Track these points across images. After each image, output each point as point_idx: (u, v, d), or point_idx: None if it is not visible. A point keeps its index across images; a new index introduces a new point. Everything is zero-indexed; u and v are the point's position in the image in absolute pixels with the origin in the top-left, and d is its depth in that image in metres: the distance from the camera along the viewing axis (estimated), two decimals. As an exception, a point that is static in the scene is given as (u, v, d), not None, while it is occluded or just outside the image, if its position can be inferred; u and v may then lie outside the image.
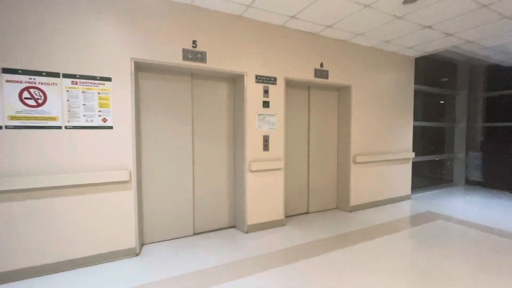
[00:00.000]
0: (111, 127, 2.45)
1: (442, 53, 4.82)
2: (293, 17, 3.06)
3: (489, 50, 4.37)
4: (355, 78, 3.98)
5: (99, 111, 2.41)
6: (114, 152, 2.47)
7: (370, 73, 4.14)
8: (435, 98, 5.81)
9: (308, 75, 3.55)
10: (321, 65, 3.65)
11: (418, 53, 4.46)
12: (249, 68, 3.12)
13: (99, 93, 2.40)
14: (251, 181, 3.18)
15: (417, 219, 3.68)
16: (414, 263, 2.45)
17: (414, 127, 4.93)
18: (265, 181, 3.29)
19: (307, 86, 3.92)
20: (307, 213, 4.00)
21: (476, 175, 5.80)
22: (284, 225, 3.46)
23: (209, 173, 3.25)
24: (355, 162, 4.02)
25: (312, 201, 4.02)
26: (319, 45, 3.63)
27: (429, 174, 5.83)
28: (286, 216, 3.80)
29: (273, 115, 3.31)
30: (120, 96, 2.49)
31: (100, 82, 2.40)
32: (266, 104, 3.25)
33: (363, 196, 4.19)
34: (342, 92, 4.10)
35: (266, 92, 3.24)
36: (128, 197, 2.55)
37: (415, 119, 4.99)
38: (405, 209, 4.19)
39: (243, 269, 2.35)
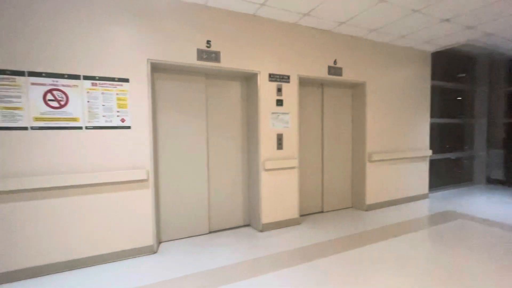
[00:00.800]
0: (129, 127, 2.51)
1: (460, 47, 4.66)
2: (306, 14, 3.03)
3: (509, 44, 4.18)
4: (369, 75, 3.91)
5: (118, 111, 2.47)
6: (132, 151, 2.52)
7: (385, 70, 4.05)
8: (453, 94, 5.62)
9: (321, 73, 3.51)
10: (335, 62, 3.60)
11: (435, 48, 4.32)
12: (263, 67, 3.12)
13: (117, 94, 2.46)
14: (265, 179, 3.18)
15: (436, 218, 3.57)
16: (435, 263, 2.37)
17: (432, 124, 4.79)
18: (279, 179, 3.28)
19: (321, 84, 3.88)
20: (322, 212, 3.95)
21: (498, 174, 5.57)
22: (299, 224, 3.44)
23: (224, 172, 3.27)
24: (370, 160, 3.94)
25: (326, 200, 3.97)
26: (333, 42, 3.58)
27: (447, 173, 5.65)
28: (301, 215, 3.77)
29: (287, 113, 3.29)
30: (137, 96, 2.54)
31: (118, 83, 2.46)
32: (279, 103, 3.23)
33: (379, 195, 4.10)
34: (357, 89, 4.03)
35: (279, 90, 3.23)
36: (146, 195, 2.60)
37: (432, 115, 4.84)
38: (423, 208, 4.07)
39: (259, 267, 2.35)
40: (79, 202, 2.34)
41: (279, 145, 3.25)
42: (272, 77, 3.18)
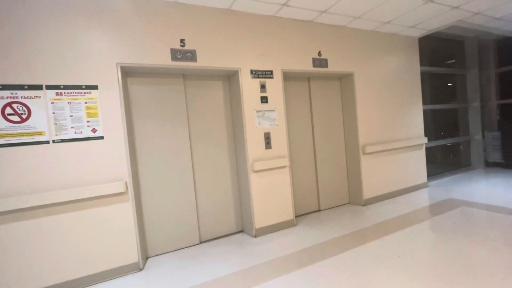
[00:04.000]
0: (101, 137, 2.32)
1: (447, 31, 4.55)
2: (285, 4, 2.88)
3: (498, 21, 4.08)
4: (357, 65, 3.77)
5: (88, 121, 2.28)
6: (107, 163, 2.34)
7: (372, 58, 3.92)
8: (444, 78, 5.51)
9: (306, 66, 3.36)
10: (319, 53, 3.46)
11: (422, 32, 4.21)
12: (243, 64, 2.96)
13: (86, 102, 2.28)
14: (255, 182, 3.01)
15: (437, 208, 3.43)
16: (441, 257, 2.22)
17: (425, 111, 4.67)
18: (270, 180, 3.11)
19: (307, 78, 3.73)
20: (319, 210, 3.79)
21: (496, 156, 5.47)
22: (295, 225, 3.27)
23: (211, 177, 3.09)
24: (364, 153, 3.79)
25: (322, 197, 3.81)
26: (316, 33, 3.44)
27: (444, 159, 5.53)
28: (297, 216, 3.60)
29: (273, 110, 3.13)
30: (108, 104, 2.36)
31: (86, 91, 2.28)
32: (264, 100, 3.07)
33: (377, 188, 3.95)
34: (345, 80, 3.89)
35: (263, 87, 3.07)
36: (126, 209, 2.41)
37: (424, 102, 4.72)
38: (423, 198, 3.93)
39: (254, 276, 2.18)
40: (51, 223, 2.15)
41: (267, 144, 3.09)
42: (255, 74, 3.02)
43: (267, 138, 3.09)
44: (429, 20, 3.71)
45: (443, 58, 5.37)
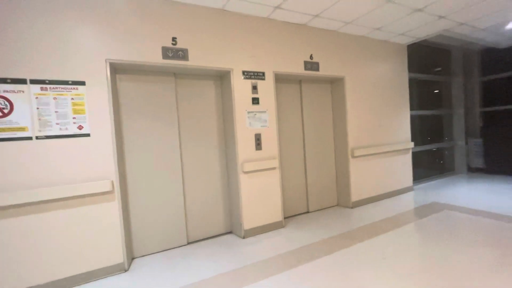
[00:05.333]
0: (88, 135, 2.27)
1: (434, 39, 4.69)
2: (278, 7, 2.90)
3: (482, 32, 4.25)
4: (347, 69, 3.83)
5: (74, 118, 2.22)
6: (93, 161, 2.28)
7: (362, 63, 4.00)
8: (431, 85, 5.68)
9: (298, 68, 3.39)
10: (311, 57, 3.50)
11: (410, 40, 4.32)
12: (236, 64, 2.96)
13: (72, 98, 2.22)
14: (245, 182, 3.00)
15: (422, 211, 3.52)
16: (425, 259, 2.28)
17: (412, 117, 4.79)
18: (260, 182, 3.11)
19: (299, 80, 3.76)
20: (308, 212, 3.82)
21: (478, 162, 5.67)
22: (283, 227, 3.28)
23: (200, 177, 3.07)
24: (353, 156, 3.86)
25: (311, 199, 3.84)
26: (308, 37, 3.48)
27: (430, 164, 5.69)
28: (286, 217, 3.62)
29: (264, 111, 3.14)
30: (96, 101, 2.30)
31: (72, 86, 2.22)
32: (255, 101, 3.08)
33: (364, 191, 4.02)
34: (335, 84, 3.95)
35: (255, 88, 3.08)
36: (112, 208, 2.36)
37: (411, 108, 4.85)
38: (408, 201, 4.03)
39: (242, 278, 2.17)
40: (33, 222, 2.07)
41: (258, 145, 3.09)
42: (246, 74, 3.03)
43: (258, 139, 3.09)
44: (417, 28, 3.82)
45: (430, 66, 5.53)
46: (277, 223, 3.23)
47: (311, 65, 3.49)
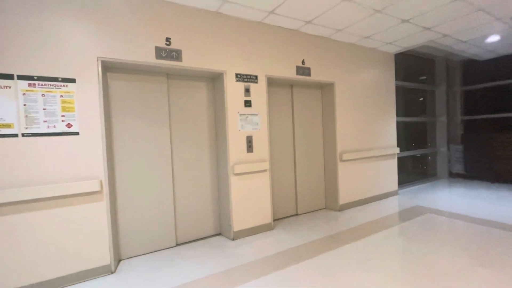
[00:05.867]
0: (77, 133, 2.22)
1: (420, 49, 4.89)
2: (272, 12, 2.96)
3: (464, 44, 4.47)
4: (337, 75, 3.93)
5: (63, 116, 2.18)
6: (81, 160, 2.24)
7: (352, 70, 4.11)
8: (416, 93, 5.90)
9: (290, 73, 3.45)
10: (303, 62, 3.57)
11: (397, 49, 4.49)
12: (229, 67, 2.99)
13: (61, 96, 2.17)
14: (235, 184, 3.02)
15: (406, 214, 3.64)
16: (408, 260, 2.36)
17: (397, 123, 4.96)
18: (250, 184, 3.14)
19: (290, 84, 3.82)
20: (296, 215, 3.87)
21: (458, 168, 5.92)
22: (272, 229, 3.31)
23: (191, 179, 3.06)
24: (341, 160, 3.95)
25: (300, 202, 3.90)
26: (300, 42, 3.55)
27: (414, 169, 5.89)
28: (275, 220, 3.65)
29: (256, 114, 3.18)
30: (86, 99, 2.27)
31: (62, 84, 2.17)
32: (248, 104, 3.11)
33: (352, 194, 4.12)
34: (326, 89, 4.04)
35: (247, 91, 3.11)
36: (100, 209, 2.32)
37: (397, 114, 5.02)
38: (393, 205, 4.16)
39: (231, 279, 2.18)
40: (19, 221, 2.00)
41: (249, 148, 3.12)
42: (239, 77, 3.06)
43: (249, 141, 3.12)
44: (404, 38, 3.97)
45: (415, 74, 5.75)
46: (266, 225, 3.26)
47: (303, 70, 3.56)
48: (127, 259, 2.64)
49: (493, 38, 4.22)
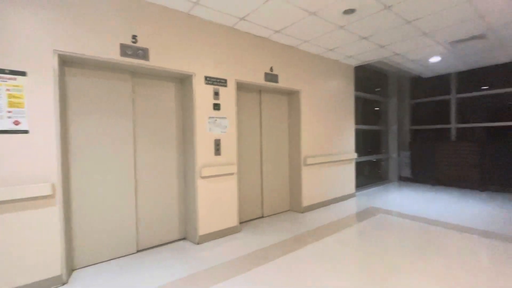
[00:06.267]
0: (26, 131, 2.02)
1: (377, 64, 5.38)
2: (243, 19, 3.02)
3: (412, 63, 5.03)
4: (303, 83, 4.14)
5: (9, 111, 1.97)
6: (31, 161, 2.04)
7: (317, 79, 4.36)
8: (373, 104, 6.44)
9: (259, 79, 3.55)
10: (271, 69, 3.69)
11: (357, 62, 4.88)
12: (198, 69, 2.97)
13: (8, 89, 1.96)
14: (202, 188, 3.00)
15: (362, 215, 3.95)
16: (365, 257, 2.58)
17: (356, 130, 5.36)
18: (217, 187, 3.13)
19: (259, 90, 3.92)
20: (262, 217, 3.95)
21: (406, 172, 6.59)
22: (239, 232, 3.34)
23: (155, 182, 2.96)
24: (305, 164, 4.15)
25: (266, 205, 3.99)
26: (270, 50, 3.67)
27: (369, 173, 6.40)
28: (241, 222, 3.69)
29: (225, 118, 3.20)
30: (38, 94, 2.08)
31: (10, 76, 1.96)
32: (217, 107, 3.12)
33: (314, 197, 4.34)
34: (292, 96, 4.22)
35: (216, 94, 3.12)
36: (52, 214, 2.12)
37: (356, 123, 5.43)
38: (351, 206, 4.48)
39: (195, 283, 2.15)
40: None
41: (217, 151, 3.12)
42: (209, 80, 3.05)
43: (217, 144, 3.12)
44: (363, 53, 4.34)
45: (372, 86, 6.29)
46: (232, 228, 3.28)
47: (271, 77, 3.68)
48: (82, 268, 2.44)
49: (435, 59, 4.82)
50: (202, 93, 3.00)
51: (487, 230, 3.22)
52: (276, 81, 3.75)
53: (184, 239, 3.14)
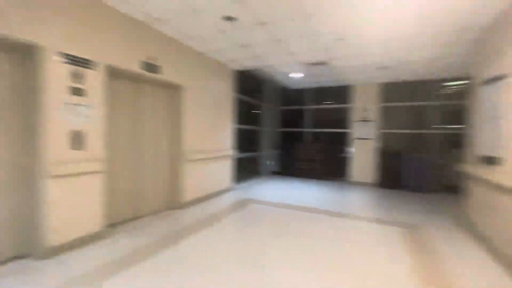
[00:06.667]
0: None
1: (256, 71, 6.05)
2: (117, -4, 2.68)
3: (280, 75, 6.01)
4: (188, 79, 4.12)
5: None
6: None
7: (200, 77, 4.44)
8: (251, 106, 7.20)
9: (135, 66, 3.24)
10: (152, 58, 3.46)
11: (238, 67, 5.33)
12: (53, 41, 2.39)
13: None
14: (53, 189, 2.43)
15: (237, 206, 4.36)
16: (241, 243, 2.86)
17: (238, 129, 5.84)
18: (76, 187, 2.63)
19: (140, 80, 3.57)
20: (139, 217, 3.63)
21: (276, 167, 7.79)
22: (106, 237, 2.93)
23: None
24: (186, 160, 4.14)
25: (143, 204, 3.70)
26: (150, 38, 3.43)
27: (247, 168, 7.13)
28: (112, 224, 3.25)
29: (89, 106, 2.73)
30: None
31: None
32: (77, 92, 2.61)
33: (195, 192, 4.40)
34: (175, 91, 4.11)
35: (78, 76, 2.61)
36: None
37: (238, 123, 5.92)
38: (229, 199, 4.85)
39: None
40: None
41: (77, 144, 2.62)
42: (69, 59, 2.52)
43: (78, 137, 2.62)
44: (243, 60, 4.79)
45: (251, 91, 7.02)
46: (97, 234, 2.84)
47: (151, 67, 3.44)
48: None
49: (296, 75, 5.96)
50: (57, 72, 2.44)
51: (327, 210, 4.32)
52: (156, 72, 3.55)
53: (22, 257, 2.44)
